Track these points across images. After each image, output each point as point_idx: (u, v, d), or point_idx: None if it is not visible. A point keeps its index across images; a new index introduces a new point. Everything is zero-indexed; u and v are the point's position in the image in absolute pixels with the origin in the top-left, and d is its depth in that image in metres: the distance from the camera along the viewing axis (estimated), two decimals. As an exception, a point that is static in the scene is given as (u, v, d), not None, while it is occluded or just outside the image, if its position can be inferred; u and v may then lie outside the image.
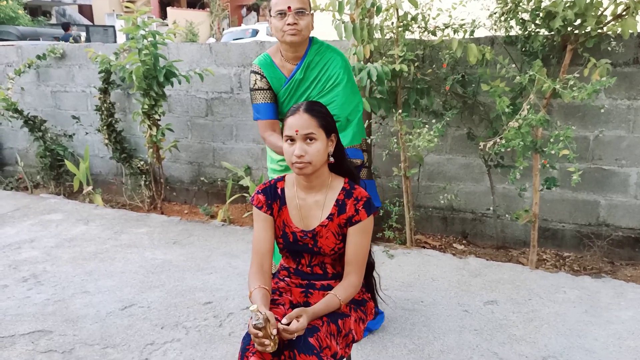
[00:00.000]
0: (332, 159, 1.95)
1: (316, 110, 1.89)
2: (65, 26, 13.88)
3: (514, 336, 2.77)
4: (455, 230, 4.23)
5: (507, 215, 3.97)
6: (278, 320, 1.69)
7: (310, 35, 2.54)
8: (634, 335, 2.77)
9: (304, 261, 2.01)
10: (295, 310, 1.73)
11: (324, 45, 2.56)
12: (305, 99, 2.51)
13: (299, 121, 1.84)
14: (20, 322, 2.98)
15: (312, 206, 1.96)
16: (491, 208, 3.98)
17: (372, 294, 2.16)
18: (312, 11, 2.51)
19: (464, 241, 4.16)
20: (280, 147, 2.41)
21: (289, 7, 2.36)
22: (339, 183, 1.99)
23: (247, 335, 1.74)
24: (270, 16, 2.45)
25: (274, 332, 1.63)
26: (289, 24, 2.37)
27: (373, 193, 2.71)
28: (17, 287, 3.40)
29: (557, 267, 3.67)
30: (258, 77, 2.57)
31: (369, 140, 3.54)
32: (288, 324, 1.68)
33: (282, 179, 2.03)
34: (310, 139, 1.85)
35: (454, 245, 4.10)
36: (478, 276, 3.46)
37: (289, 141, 1.86)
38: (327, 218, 1.94)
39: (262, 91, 2.57)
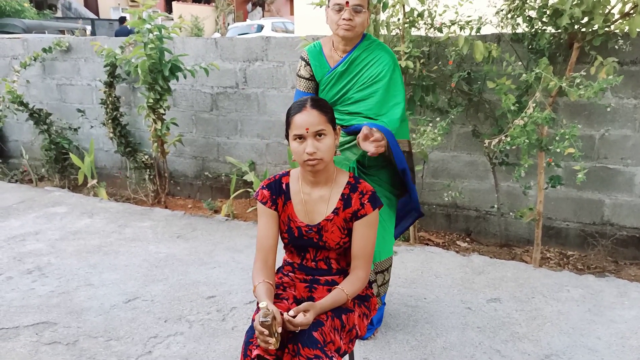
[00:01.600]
0: (338, 152, 1.94)
1: (323, 105, 1.89)
2: (122, 20, 13.98)
3: (517, 334, 2.77)
4: (459, 228, 4.23)
5: (511, 213, 3.97)
6: (282, 314, 1.69)
7: (365, 31, 2.52)
8: (637, 334, 2.76)
9: (309, 256, 2.01)
10: (304, 304, 1.73)
11: (375, 43, 2.51)
12: (345, 90, 2.47)
13: (308, 118, 1.82)
14: (24, 313, 2.99)
15: (317, 201, 1.96)
16: (495, 206, 3.98)
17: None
18: (368, 9, 2.45)
19: (467, 239, 4.16)
20: None
21: (347, 2, 2.33)
22: (344, 177, 1.99)
23: (251, 328, 1.74)
24: (328, 7, 2.43)
25: (279, 330, 1.63)
26: (344, 19, 2.35)
27: (415, 199, 2.64)
28: (21, 279, 3.42)
29: (561, 266, 3.67)
30: (303, 64, 2.57)
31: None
32: (294, 317, 1.69)
33: (287, 173, 2.03)
34: (321, 135, 1.84)
35: (458, 242, 4.10)
36: (481, 274, 3.46)
37: (298, 139, 1.84)
38: (333, 212, 1.94)
39: (302, 79, 2.58)
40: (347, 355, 2.13)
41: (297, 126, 1.83)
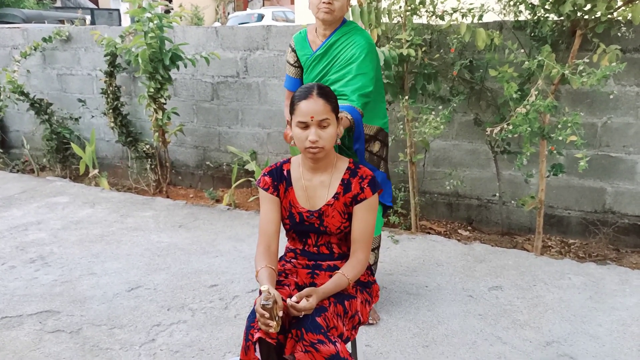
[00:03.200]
0: (339, 141, 1.96)
1: (328, 93, 1.90)
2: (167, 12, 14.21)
3: (518, 321, 2.78)
4: (461, 216, 4.23)
5: (512, 202, 3.97)
6: (284, 301, 1.70)
7: (345, 16, 2.64)
8: (638, 321, 2.77)
9: (311, 241, 2.03)
10: (306, 289, 1.75)
11: (355, 28, 2.61)
12: (322, 74, 2.60)
13: (314, 106, 1.83)
14: (28, 302, 3.01)
15: (317, 186, 1.98)
16: (497, 194, 3.98)
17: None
18: None
19: (469, 227, 4.16)
20: None
21: None
22: (343, 163, 2.01)
23: (253, 312, 1.76)
24: None
25: (280, 313, 1.65)
26: (324, 2, 2.45)
27: (387, 192, 2.76)
28: (24, 268, 3.43)
29: (562, 254, 3.67)
30: (289, 50, 2.76)
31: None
32: (298, 302, 1.70)
33: (288, 161, 2.05)
34: (324, 124, 1.85)
35: (459, 231, 4.10)
36: (483, 262, 3.47)
37: (301, 126, 1.86)
38: (333, 197, 1.96)
39: (289, 65, 2.79)
40: (350, 342, 2.14)
41: (302, 113, 1.84)
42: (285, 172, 2.02)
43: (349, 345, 2.16)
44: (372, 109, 2.68)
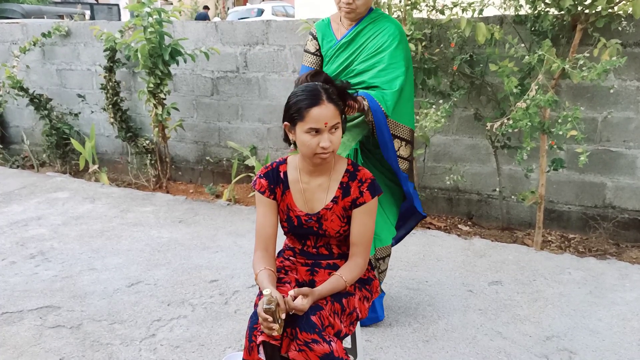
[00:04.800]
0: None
1: (334, 96, 1.83)
2: (205, 7, 14.84)
3: (518, 316, 2.78)
4: (461, 212, 4.23)
5: (512, 197, 3.96)
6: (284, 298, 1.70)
7: (372, 5, 2.50)
8: (638, 316, 2.78)
9: (310, 242, 2.00)
10: (305, 288, 1.74)
11: (382, 16, 2.49)
12: (350, 62, 2.46)
13: (326, 112, 1.77)
14: (28, 297, 3.01)
15: (316, 189, 1.94)
16: (497, 189, 3.97)
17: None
18: None
19: (469, 222, 4.16)
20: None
21: None
22: (342, 165, 1.96)
23: (255, 314, 1.74)
24: None
25: (283, 316, 1.64)
26: (344, 2, 2.35)
27: (417, 203, 2.62)
28: (24, 263, 3.43)
29: (562, 249, 3.67)
30: (310, 38, 2.60)
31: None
32: (295, 298, 1.69)
33: (284, 161, 2.00)
34: (335, 128, 1.81)
35: (459, 226, 4.10)
36: (483, 257, 3.47)
37: (312, 132, 1.78)
38: (332, 201, 1.92)
39: (308, 54, 2.61)
40: (349, 337, 2.14)
41: (314, 120, 1.76)
42: (282, 174, 1.97)
43: (348, 340, 2.17)
44: (404, 106, 2.52)
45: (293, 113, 1.80)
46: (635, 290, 3.03)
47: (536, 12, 3.37)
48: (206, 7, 19.09)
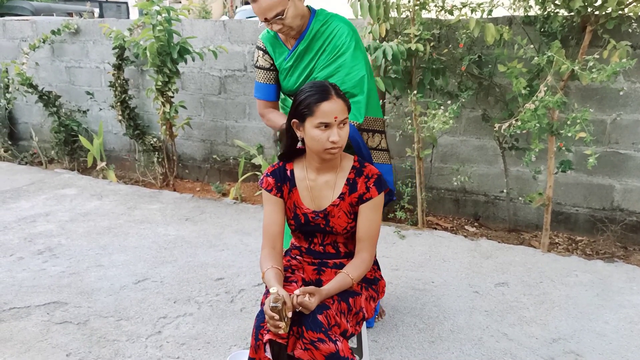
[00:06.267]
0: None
1: (341, 91, 1.87)
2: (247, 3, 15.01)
3: (524, 318, 2.77)
4: (467, 213, 4.22)
5: (520, 198, 3.95)
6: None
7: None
8: (645, 319, 2.76)
9: (317, 240, 2.01)
10: (311, 287, 1.74)
11: (331, 15, 2.38)
12: (309, 71, 2.38)
13: (335, 106, 1.80)
14: (35, 293, 3.03)
15: (322, 186, 1.95)
16: (504, 191, 3.96)
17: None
18: None
19: (475, 223, 4.15)
20: (281, 125, 2.30)
21: (265, 18, 2.23)
22: (348, 162, 1.98)
23: (261, 312, 1.75)
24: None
25: (289, 314, 1.64)
26: (276, 30, 2.29)
27: (389, 179, 2.60)
28: (32, 259, 3.45)
29: (570, 251, 3.66)
30: (261, 53, 2.48)
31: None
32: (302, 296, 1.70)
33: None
34: (344, 124, 1.84)
35: (466, 227, 4.09)
36: (489, 258, 3.46)
37: (322, 127, 1.80)
38: (339, 197, 1.94)
39: (263, 70, 2.49)
40: (355, 337, 2.15)
41: (325, 114, 1.79)
42: (288, 172, 1.99)
43: (354, 340, 2.17)
44: (373, 100, 2.48)
45: (303, 109, 1.82)
46: (643, 293, 3.02)
47: (546, 13, 3.35)
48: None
